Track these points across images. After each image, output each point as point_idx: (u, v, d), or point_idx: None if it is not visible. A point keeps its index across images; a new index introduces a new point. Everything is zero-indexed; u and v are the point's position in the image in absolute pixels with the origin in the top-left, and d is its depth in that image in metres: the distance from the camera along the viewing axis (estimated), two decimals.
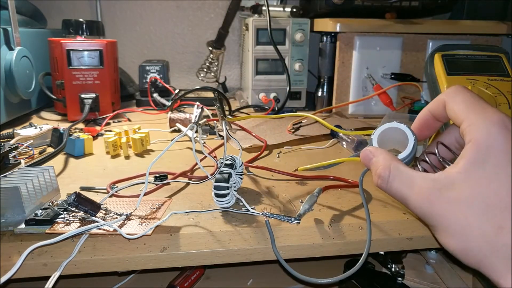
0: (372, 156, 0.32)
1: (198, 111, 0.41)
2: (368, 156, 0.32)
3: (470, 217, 0.25)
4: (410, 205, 0.28)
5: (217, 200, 0.39)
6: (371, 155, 0.32)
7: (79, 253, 0.33)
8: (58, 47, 0.75)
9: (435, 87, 0.52)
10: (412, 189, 0.28)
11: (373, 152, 0.32)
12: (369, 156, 0.32)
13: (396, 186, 0.29)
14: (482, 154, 0.25)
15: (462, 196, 0.25)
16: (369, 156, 0.32)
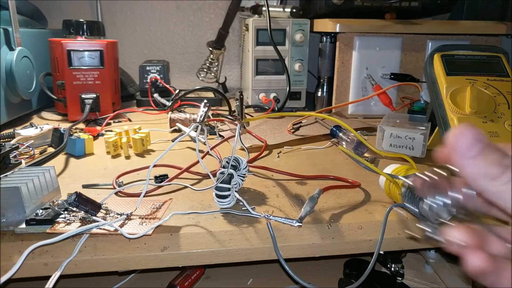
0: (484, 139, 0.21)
1: (204, 109, 0.41)
2: (480, 137, 0.21)
3: None
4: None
5: (218, 200, 0.39)
6: (483, 136, 0.21)
7: (80, 252, 0.33)
8: (58, 47, 0.75)
9: (435, 87, 0.52)
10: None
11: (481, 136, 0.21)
12: (481, 137, 0.21)
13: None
14: None
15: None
16: (481, 137, 0.21)
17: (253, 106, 0.88)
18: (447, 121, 0.48)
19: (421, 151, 0.54)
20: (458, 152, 0.21)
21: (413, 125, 0.57)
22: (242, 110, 0.57)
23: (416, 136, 0.54)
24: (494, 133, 0.45)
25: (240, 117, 0.53)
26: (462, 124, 0.22)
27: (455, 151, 0.21)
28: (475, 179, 0.21)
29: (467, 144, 0.21)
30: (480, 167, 0.21)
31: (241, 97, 0.57)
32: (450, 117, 0.48)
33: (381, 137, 0.56)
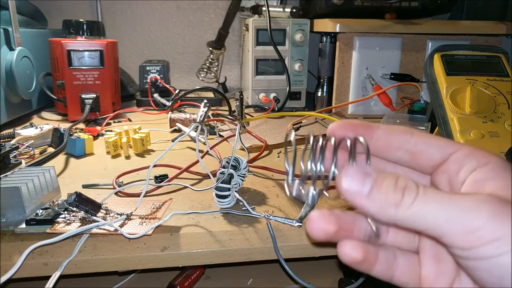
0: (367, 174, 0.20)
1: (204, 109, 0.41)
2: (361, 176, 0.20)
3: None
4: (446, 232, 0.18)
5: (218, 200, 0.39)
6: (364, 173, 0.20)
7: (80, 252, 0.33)
8: (58, 47, 0.75)
9: (435, 87, 0.52)
10: (447, 212, 0.18)
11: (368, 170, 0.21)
12: (363, 175, 0.20)
13: (433, 200, 0.19)
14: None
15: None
16: (363, 175, 0.20)
17: (253, 106, 0.88)
18: (447, 121, 0.48)
19: None
20: (351, 196, 0.20)
21: (413, 125, 0.57)
22: (242, 110, 0.57)
23: None
24: (494, 133, 0.45)
25: (240, 117, 0.53)
26: (345, 168, 0.20)
27: (348, 196, 0.20)
28: (381, 214, 0.20)
29: (355, 184, 0.20)
30: (378, 201, 0.19)
31: (241, 97, 0.57)
32: (450, 117, 0.48)
33: None
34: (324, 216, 0.22)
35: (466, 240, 0.18)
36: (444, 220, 0.18)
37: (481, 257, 0.18)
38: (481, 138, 0.44)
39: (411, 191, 0.19)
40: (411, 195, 0.19)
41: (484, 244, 0.18)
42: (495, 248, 0.17)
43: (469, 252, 0.18)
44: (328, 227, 0.22)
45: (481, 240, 0.18)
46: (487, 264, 0.18)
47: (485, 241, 0.18)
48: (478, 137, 0.44)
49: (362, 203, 0.20)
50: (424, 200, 0.19)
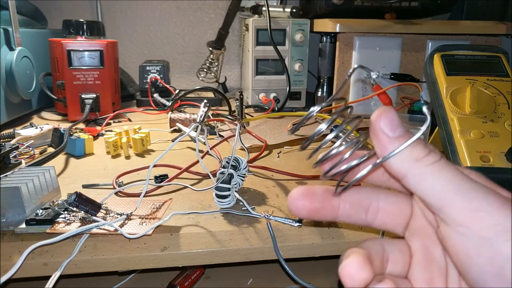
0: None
1: (204, 109, 0.41)
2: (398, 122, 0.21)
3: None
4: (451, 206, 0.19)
5: (218, 200, 0.39)
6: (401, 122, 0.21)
7: (80, 252, 0.33)
8: (58, 48, 0.75)
9: (435, 87, 0.52)
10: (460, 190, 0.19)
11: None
12: (399, 122, 0.21)
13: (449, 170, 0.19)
14: None
15: None
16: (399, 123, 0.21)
17: (253, 106, 0.88)
18: (447, 121, 0.48)
19: None
20: (381, 135, 0.20)
21: (413, 125, 0.57)
22: (242, 110, 0.57)
23: None
24: (494, 133, 0.45)
25: (240, 117, 0.53)
26: (382, 108, 0.21)
27: (379, 134, 0.20)
28: (398, 160, 0.20)
29: (392, 125, 0.20)
30: (416, 146, 0.20)
31: (241, 97, 0.57)
32: (450, 117, 0.48)
33: None
34: (305, 194, 0.22)
35: (468, 217, 0.18)
36: (452, 191, 0.18)
37: (477, 236, 0.18)
38: (481, 138, 0.44)
39: (436, 154, 0.19)
40: (435, 157, 0.19)
41: (485, 226, 0.18)
42: (495, 232, 0.17)
43: (466, 230, 0.18)
44: (310, 204, 0.22)
45: (483, 221, 0.18)
46: (488, 250, 0.18)
47: (487, 224, 0.18)
48: (478, 137, 0.44)
49: (389, 143, 0.20)
50: (444, 166, 0.19)
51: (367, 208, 0.24)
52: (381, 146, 0.20)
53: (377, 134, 0.20)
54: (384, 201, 0.24)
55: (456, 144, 0.45)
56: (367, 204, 0.24)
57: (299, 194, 0.23)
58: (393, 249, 0.23)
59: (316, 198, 0.23)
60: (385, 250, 0.23)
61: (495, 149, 0.43)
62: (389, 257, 0.23)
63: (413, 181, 0.19)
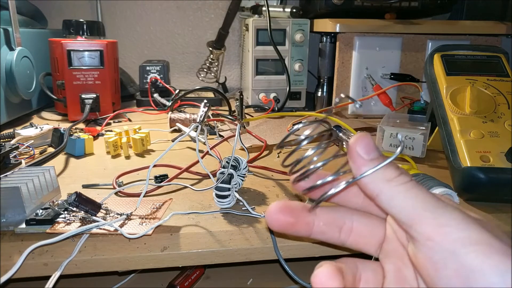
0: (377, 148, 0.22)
1: (204, 109, 0.41)
2: (373, 146, 0.22)
3: None
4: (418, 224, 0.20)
5: (218, 200, 0.39)
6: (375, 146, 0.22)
7: (80, 252, 0.33)
8: (58, 47, 0.75)
9: (435, 87, 0.52)
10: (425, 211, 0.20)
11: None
12: (374, 146, 0.22)
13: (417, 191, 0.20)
14: None
15: None
16: (374, 146, 0.22)
17: (253, 106, 0.88)
18: (447, 121, 0.48)
19: (421, 151, 0.54)
20: (358, 156, 0.22)
21: (413, 125, 0.57)
22: (242, 110, 0.57)
23: (416, 136, 0.54)
24: (494, 133, 0.45)
25: (240, 117, 0.53)
26: (360, 133, 0.23)
27: (354, 153, 0.22)
28: (371, 180, 0.21)
29: (367, 148, 0.22)
30: (388, 167, 0.21)
31: (241, 97, 0.57)
32: (450, 117, 0.48)
33: (381, 137, 0.56)
34: (282, 208, 0.24)
35: (435, 232, 0.19)
36: (421, 208, 0.20)
37: (444, 249, 0.19)
38: (481, 138, 0.44)
39: (406, 176, 0.21)
40: (406, 178, 0.21)
41: (451, 239, 0.19)
42: (461, 245, 0.18)
43: (434, 244, 0.19)
44: (285, 219, 0.24)
45: (450, 235, 0.19)
46: (454, 262, 0.18)
47: (453, 237, 0.19)
48: (478, 137, 0.44)
49: (363, 164, 0.21)
50: (414, 186, 0.21)
51: (340, 227, 0.25)
52: (356, 167, 0.22)
53: (353, 156, 0.22)
54: (357, 222, 0.25)
55: (456, 144, 0.45)
56: (341, 223, 0.25)
57: (276, 208, 0.24)
58: (366, 269, 0.24)
59: (292, 214, 0.24)
60: (358, 268, 0.24)
61: (495, 149, 0.43)
62: (362, 276, 0.24)
63: (385, 199, 0.21)
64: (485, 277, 0.17)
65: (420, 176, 0.41)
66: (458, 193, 0.40)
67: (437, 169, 0.53)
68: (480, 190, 0.41)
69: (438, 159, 0.56)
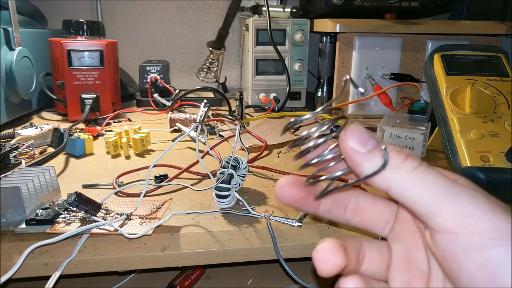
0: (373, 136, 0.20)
1: (204, 109, 0.41)
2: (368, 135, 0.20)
3: None
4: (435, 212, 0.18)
5: (218, 200, 0.39)
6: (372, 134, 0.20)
7: (80, 252, 0.33)
8: (58, 48, 0.75)
9: (435, 87, 0.52)
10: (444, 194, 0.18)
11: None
12: (370, 135, 0.20)
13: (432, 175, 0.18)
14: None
15: None
16: (370, 135, 0.20)
17: (253, 106, 0.88)
18: (447, 121, 0.48)
19: (421, 151, 0.54)
20: (353, 152, 0.19)
21: (413, 125, 0.57)
22: (242, 110, 0.57)
23: (416, 136, 0.54)
24: (494, 133, 0.45)
25: (240, 117, 0.53)
26: (352, 126, 0.20)
27: (349, 152, 0.19)
28: (378, 175, 0.19)
29: (361, 139, 0.19)
30: (377, 159, 0.19)
31: (241, 97, 0.57)
32: (450, 117, 0.48)
33: (381, 137, 0.56)
34: (293, 182, 0.23)
35: (456, 224, 0.17)
36: (439, 197, 0.18)
37: (467, 245, 0.17)
38: (481, 138, 0.44)
39: (414, 159, 0.19)
40: (415, 162, 0.18)
41: (475, 232, 0.17)
42: (487, 238, 0.17)
43: (456, 238, 0.17)
44: (297, 193, 0.23)
45: (473, 226, 0.17)
46: (478, 256, 0.17)
47: (477, 229, 0.17)
48: (478, 137, 0.44)
49: (363, 162, 0.19)
50: (426, 171, 0.18)
51: (346, 205, 0.24)
52: (356, 165, 0.19)
53: (349, 154, 0.20)
54: (364, 201, 0.24)
55: (456, 144, 0.45)
56: (346, 202, 0.24)
57: (287, 181, 0.23)
58: (371, 247, 0.23)
59: (303, 188, 0.23)
60: (362, 247, 0.23)
61: (495, 149, 0.43)
62: (366, 255, 0.23)
63: (397, 192, 0.19)
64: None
65: None
66: None
67: None
68: None
69: (438, 159, 0.56)
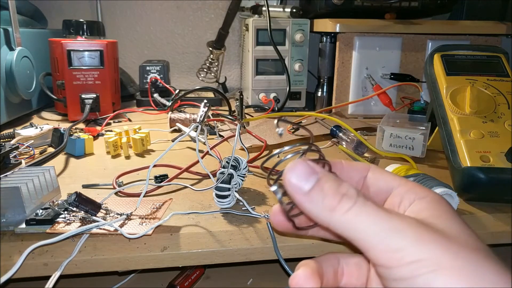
0: (316, 171, 0.21)
1: (204, 109, 0.41)
2: (310, 170, 0.20)
3: None
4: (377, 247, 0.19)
5: (218, 200, 0.39)
6: (314, 167, 0.21)
7: (80, 252, 0.33)
8: (58, 47, 0.75)
9: (435, 87, 0.52)
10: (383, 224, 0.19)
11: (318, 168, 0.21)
12: (312, 169, 0.21)
13: (368, 213, 0.19)
14: (448, 207, 0.21)
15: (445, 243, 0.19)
16: (312, 170, 0.21)
17: (253, 106, 0.88)
18: (447, 121, 0.48)
19: (421, 151, 0.54)
20: (293, 190, 0.20)
21: (413, 125, 0.57)
22: (242, 110, 0.57)
23: (416, 136, 0.54)
24: (494, 133, 0.45)
25: (240, 117, 0.53)
26: (294, 161, 0.21)
27: (291, 189, 0.20)
28: (316, 214, 0.20)
29: (299, 179, 0.20)
30: (316, 201, 0.20)
31: (241, 97, 0.57)
32: (450, 117, 0.48)
33: (381, 137, 0.56)
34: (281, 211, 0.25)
35: (388, 259, 0.18)
36: (372, 235, 0.19)
37: (401, 277, 0.18)
38: (481, 138, 0.44)
39: (349, 198, 0.20)
40: (348, 203, 0.19)
41: (404, 264, 0.18)
42: (414, 268, 0.18)
43: (390, 271, 0.18)
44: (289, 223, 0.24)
45: (402, 260, 0.18)
46: (407, 284, 0.18)
47: (406, 262, 0.18)
48: (478, 137, 0.44)
49: (302, 200, 0.20)
50: (358, 211, 0.19)
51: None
52: (298, 202, 0.20)
53: (291, 190, 0.20)
54: (345, 264, 0.25)
55: (456, 144, 0.45)
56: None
57: (279, 209, 0.25)
58: (348, 263, 0.25)
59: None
60: (340, 263, 0.24)
61: (495, 149, 0.43)
62: (344, 270, 0.24)
63: (336, 230, 0.20)
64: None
65: (420, 176, 0.41)
66: (458, 193, 0.40)
67: (437, 169, 0.53)
68: (480, 190, 0.41)
69: (438, 159, 0.56)
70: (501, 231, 0.39)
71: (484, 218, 0.40)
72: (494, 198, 0.43)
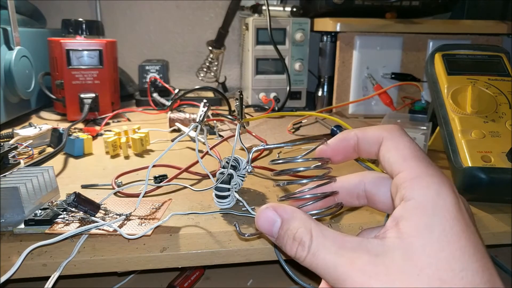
0: (277, 217, 0.22)
1: (204, 109, 0.41)
2: (272, 218, 0.23)
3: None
4: (342, 279, 0.20)
5: (218, 201, 0.39)
6: (275, 216, 0.23)
7: (79, 253, 0.33)
8: (57, 47, 0.75)
9: (436, 87, 0.52)
10: (342, 258, 0.20)
11: (280, 212, 0.23)
12: (273, 218, 0.23)
13: (323, 256, 0.20)
14: (429, 217, 0.20)
15: (406, 268, 0.19)
16: (273, 218, 0.23)
17: (253, 106, 0.88)
18: (448, 121, 0.47)
19: None
20: (266, 234, 0.23)
21: (414, 125, 0.57)
22: (242, 110, 0.57)
23: (417, 136, 0.53)
24: (495, 133, 0.45)
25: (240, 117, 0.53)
26: (261, 208, 0.23)
27: (268, 236, 0.23)
28: (294, 255, 0.22)
29: (265, 226, 0.23)
30: (284, 246, 0.22)
31: (241, 96, 0.56)
32: (451, 116, 0.47)
33: None
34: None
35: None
36: (332, 277, 0.20)
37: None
38: (482, 138, 0.44)
39: (302, 248, 0.21)
40: (303, 252, 0.21)
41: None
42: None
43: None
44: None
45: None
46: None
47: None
48: (479, 137, 0.44)
49: (275, 242, 0.23)
50: (312, 259, 0.21)
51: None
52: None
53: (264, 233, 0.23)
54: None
55: (457, 144, 0.44)
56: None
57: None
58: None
59: None
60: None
61: (496, 149, 0.42)
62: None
63: (315, 270, 0.21)
64: None
65: None
66: (459, 193, 0.39)
67: None
68: (481, 190, 0.41)
69: (439, 159, 0.56)
70: (503, 231, 0.38)
71: (486, 219, 0.40)
72: (495, 199, 0.42)
